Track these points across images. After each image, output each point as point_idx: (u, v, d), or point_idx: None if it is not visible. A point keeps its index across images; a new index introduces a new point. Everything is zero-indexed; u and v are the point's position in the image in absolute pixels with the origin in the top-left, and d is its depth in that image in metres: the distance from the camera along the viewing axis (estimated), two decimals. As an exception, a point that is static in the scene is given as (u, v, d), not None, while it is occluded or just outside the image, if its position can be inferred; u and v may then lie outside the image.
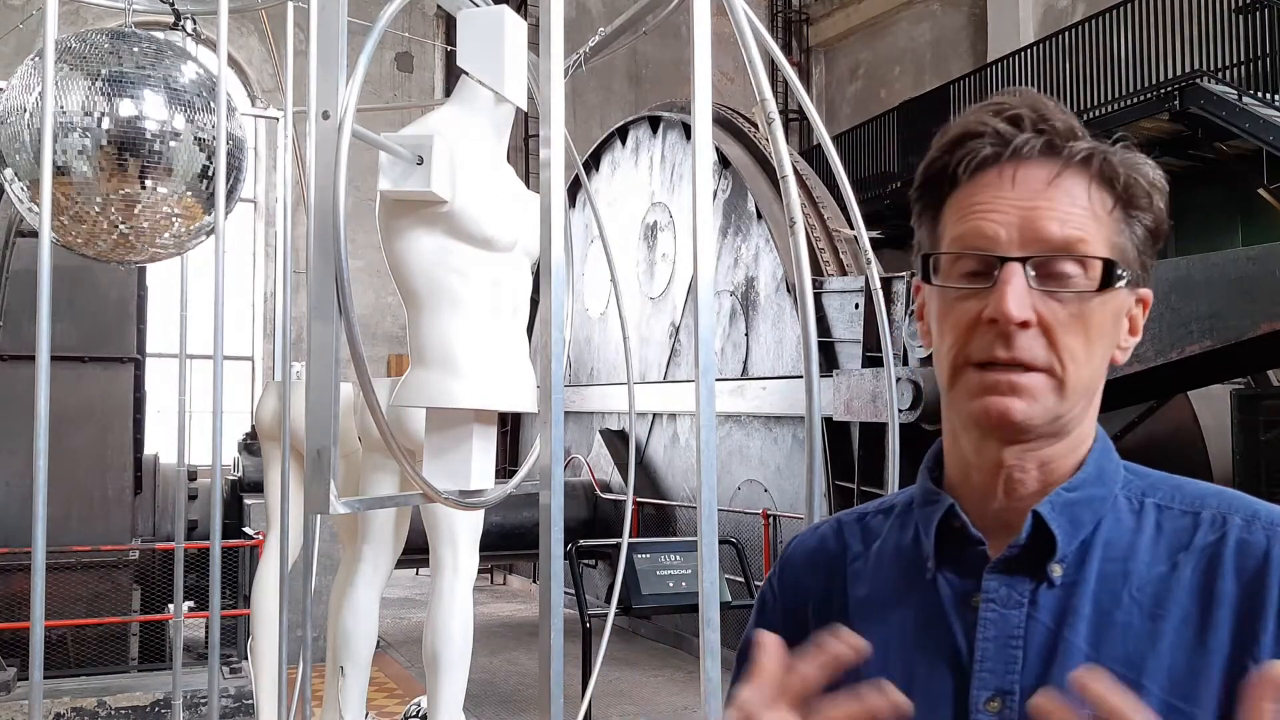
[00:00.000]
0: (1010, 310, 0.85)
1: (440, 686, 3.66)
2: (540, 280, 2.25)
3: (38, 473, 2.54)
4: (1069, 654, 0.86)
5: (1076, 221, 0.88)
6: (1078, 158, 0.89)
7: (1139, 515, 0.92)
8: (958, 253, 0.90)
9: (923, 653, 0.92)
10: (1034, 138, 0.89)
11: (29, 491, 2.56)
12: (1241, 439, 8.42)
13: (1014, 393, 0.87)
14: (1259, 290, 5.45)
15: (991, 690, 0.88)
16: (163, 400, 9.13)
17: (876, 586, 0.99)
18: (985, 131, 0.90)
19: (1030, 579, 0.90)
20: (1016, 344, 0.86)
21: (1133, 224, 0.90)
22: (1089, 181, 0.89)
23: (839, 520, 1.07)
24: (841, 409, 7.62)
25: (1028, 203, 0.88)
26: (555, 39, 2.24)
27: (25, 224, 6.58)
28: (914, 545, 0.97)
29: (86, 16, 11.28)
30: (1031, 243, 0.87)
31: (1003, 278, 0.87)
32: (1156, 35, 11.69)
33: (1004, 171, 0.90)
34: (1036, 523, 0.89)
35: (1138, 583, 0.88)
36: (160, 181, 3.23)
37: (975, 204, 0.90)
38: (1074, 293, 0.87)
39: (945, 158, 0.92)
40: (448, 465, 2.84)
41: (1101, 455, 0.94)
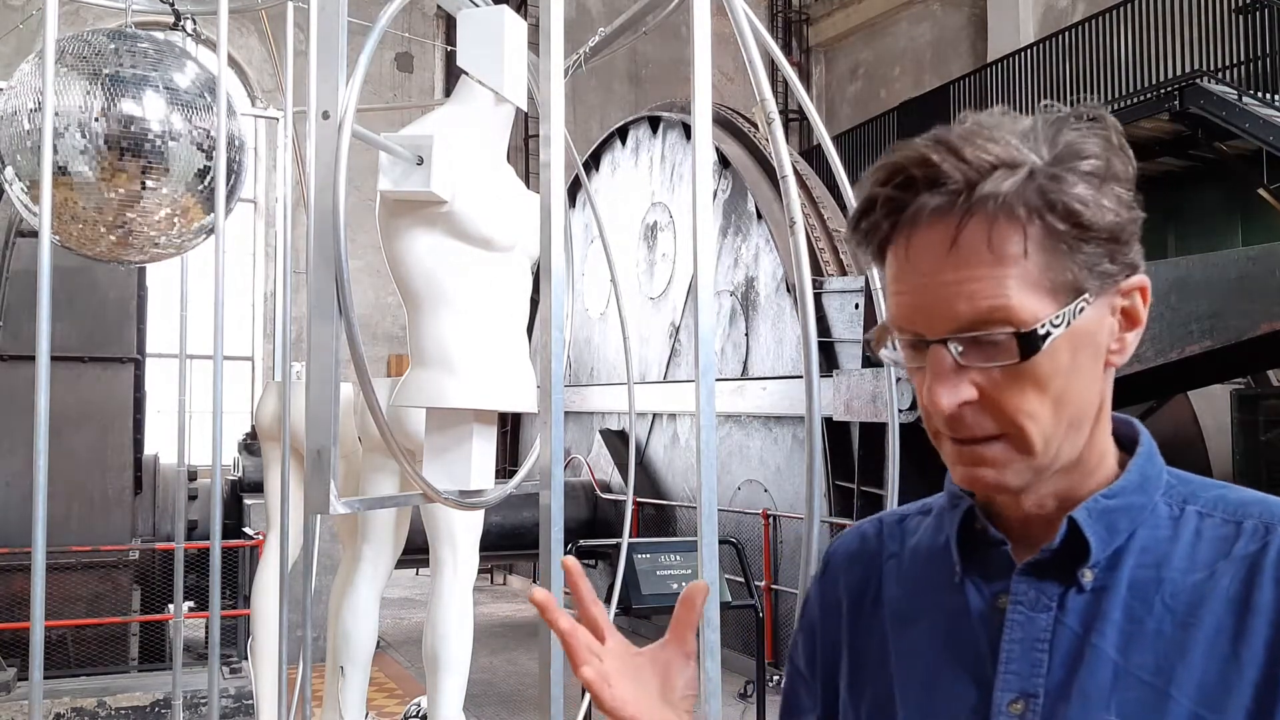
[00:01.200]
0: (940, 402, 0.83)
1: (440, 686, 3.66)
2: (540, 280, 2.25)
3: (38, 473, 2.54)
4: (1096, 659, 0.85)
5: (982, 289, 0.81)
6: (975, 210, 0.81)
7: (1178, 522, 0.89)
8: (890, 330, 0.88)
9: (948, 653, 0.92)
10: (925, 199, 0.82)
11: (29, 491, 2.56)
12: (1241, 439, 8.42)
13: (980, 463, 0.86)
14: (1259, 290, 5.45)
15: (1015, 692, 0.87)
16: (163, 400, 9.14)
17: (909, 586, 0.99)
18: (877, 204, 0.85)
19: (1059, 583, 0.89)
20: (963, 423, 0.85)
21: (1071, 247, 0.83)
22: (990, 231, 0.81)
23: (880, 519, 1.07)
24: (841, 409, 7.62)
25: (931, 278, 0.83)
26: (555, 39, 2.24)
27: (25, 224, 6.59)
28: (945, 547, 0.97)
29: (86, 16, 11.28)
30: (943, 322, 0.83)
31: (929, 363, 0.84)
32: (1156, 35, 11.69)
33: (900, 245, 0.85)
34: (1071, 528, 0.88)
35: (1171, 590, 0.86)
36: (160, 181, 3.23)
37: (893, 281, 0.87)
38: (1003, 365, 0.83)
39: (854, 239, 0.89)
40: (448, 465, 2.84)
41: (1146, 462, 0.91)
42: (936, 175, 0.82)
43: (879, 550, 1.04)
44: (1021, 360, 0.82)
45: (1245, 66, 11.06)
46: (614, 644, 0.95)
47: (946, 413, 0.84)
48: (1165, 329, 5.73)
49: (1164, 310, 5.75)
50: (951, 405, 0.83)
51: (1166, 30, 11.57)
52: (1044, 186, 0.82)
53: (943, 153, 0.82)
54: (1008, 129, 0.84)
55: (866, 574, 1.03)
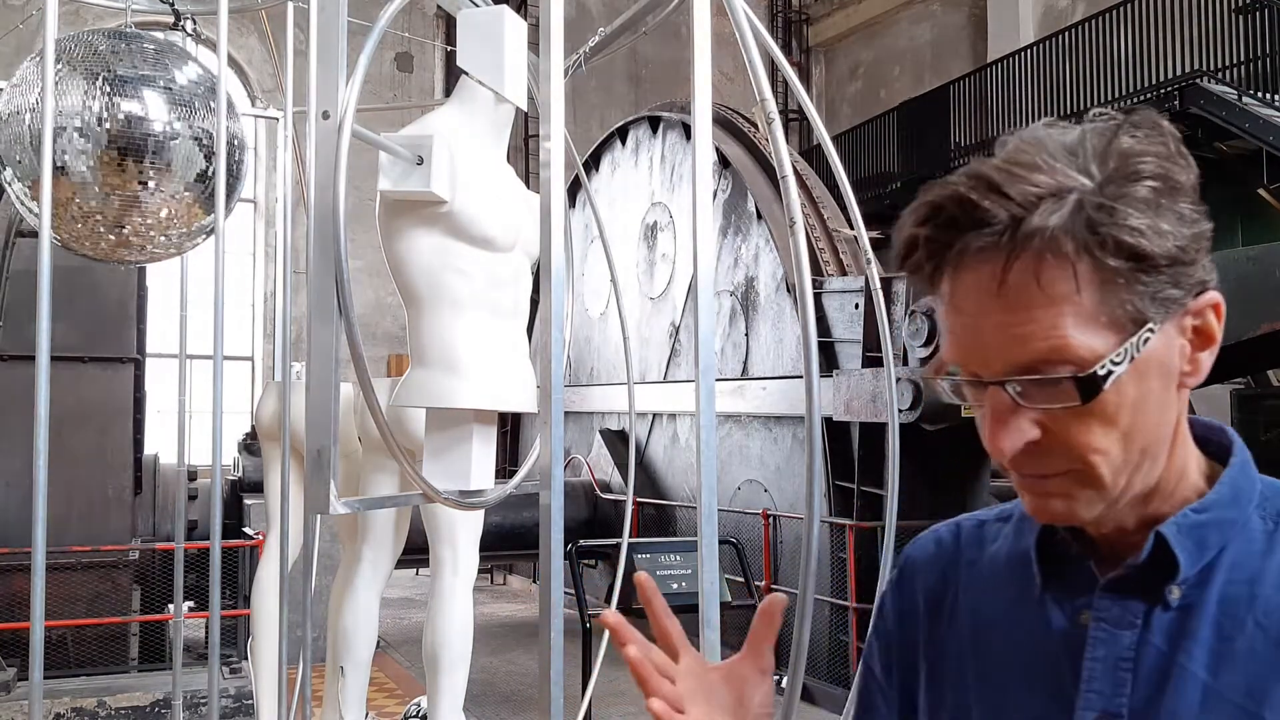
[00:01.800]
0: (1001, 447, 0.80)
1: (440, 686, 3.66)
2: (540, 280, 2.26)
3: (38, 472, 2.54)
4: (1183, 679, 0.82)
5: (1034, 330, 0.77)
6: (1025, 246, 0.77)
7: (1272, 537, 0.85)
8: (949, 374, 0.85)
9: (1027, 668, 0.90)
10: (971, 237, 0.78)
11: (29, 491, 2.56)
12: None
13: (1049, 495, 0.83)
14: (1259, 290, 5.45)
15: (1098, 711, 0.84)
16: (163, 400, 9.14)
17: (987, 596, 0.96)
18: (919, 245, 0.81)
19: (1144, 599, 0.85)
20: (1025, 465, 0.82)
21: (1129, 279, 0.77)
22: (1037, 270, 0.77)
23: (958, 524, 1.04)
24: (841, 409, 7.62)
25: (982, 319, 0.79)
26: (555, 39, 2.24)
27: (25, 224, 6.59)
28: (1025, 556, 0.93)
29: (86, 16, 11.28)
30: (998, 364, 0.79)
31: (987, 407, 0.81)
32: (1156, 35, 11.69)
33: (948, 286, 0.81)
34: (1158, 543, 0.84)
35: (1264, 608, 0.82)
36: (160, 181, 3.23)
37: (948, 317, 0.83)
38: (1064, 407, 0.79)
39: (903, 267, 0.85)
40: (448, 465, 2.84)
41: (1239, 474, 0.87)
42: (977, 215, 0.78)
43: (957, 557, 1.01)
44: (1083, 403, 0.78)
45: (1245, 66, 11.06)
46: (688, 661, 0.93)
47: (1007, 455, 0.81)
48: (1165, 329, 5.73)
49: (1164, 310, 5.75)
50: (1014, 449, 0.80)
51: (1166, 30, 11.58)
52: (1093, 219, 0.76)
53: (982, 190, 0.78)
54: (1053, 146, 0.79)
55: (945, 581, 1.00)
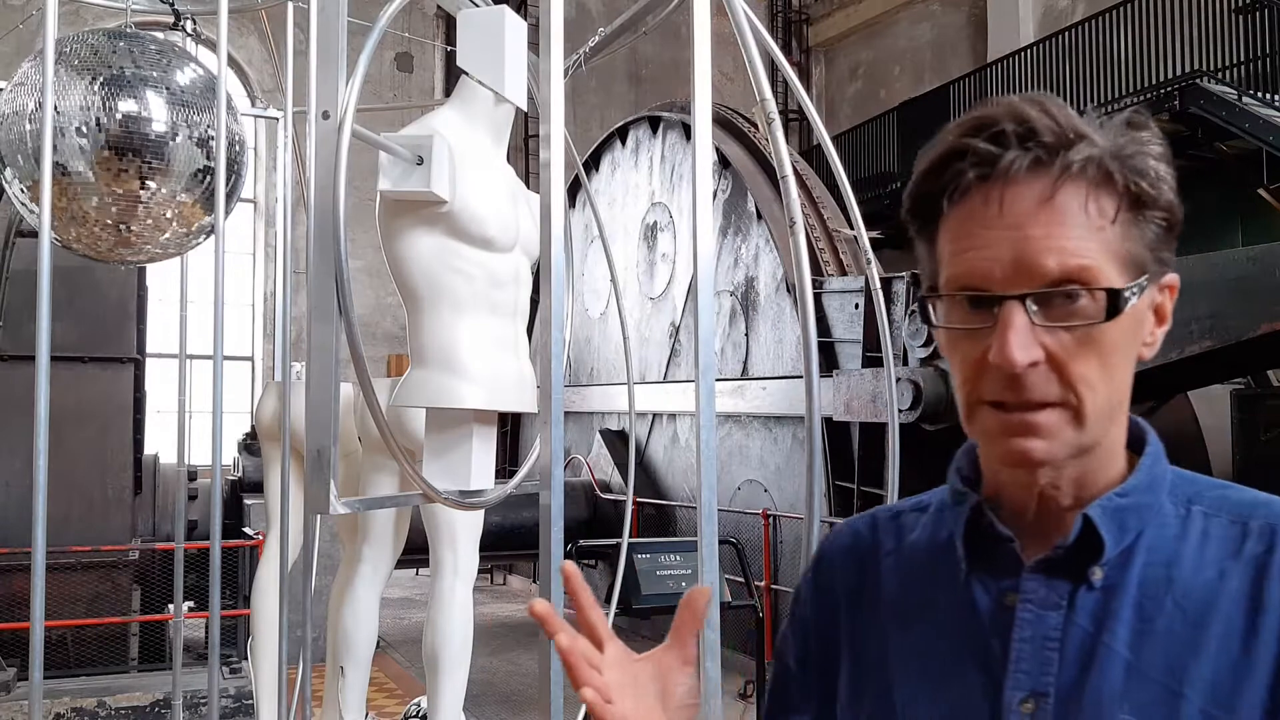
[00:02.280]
0: (1014, 357, 0.82)
1: (440, 686, 3.66)
2: (540, 280, 2.25)
3: (38, 473, 2.54)
4: (1107, 658, 0.85)
5: (1074, 247, 0.82)
6: (1073, 170, 0.83)
7: (1185, 522, 0.89)
8: (953, 294, 0.87)
9: (954, 652, 0.92)
10: (1020, 155, 0.83)
11: (29, 491, 2.56)
12: (1241, 439, 8.42)
13: (1031, 433, 0.84)
14: (1259, 290, 5.45)
15: (1026, 691, 0.87)
16: (163, 400, 9.14)
17: (909, 583, 0.98)
18: (967, 153, 0.84)
19: (1069, 581, 0.88)
20: (1026, 385, 0.83)
21: (1143, 225, 0.85)
22: (1086, 193, 0.83)
23: (874, 516, 1.06)
24: (841, 409, 7.62)
25: (1019, 232, 0.83)
26: (555, 39, 2.24)
27: (25, 224, 6.58)
28: (948, 544, 0.96)
29: (86, 16, 11.28)
30: (1027, 278, 0.82)
31: (1002, 320, 0.83)
32: (1156, 35, 11.69)
33: (990, 196, 0.84)
34: (1085, 525, 0.87)
35: (1182, 589, 0.86)
36: (160, 181, 3.23)
37: (966, 237, 0.85)
38: (1082, 324, 0.83)
39: (929, 185, 0.87)
40: (448, 465, 2.84)
41: (1154, 462, 0.92)
42: (1034, 132, 0.83)
43: (875, 546, 1.03)
44: (1106, 319, 0.82)
45: (1245, 66, 11.06)
46: (613, 652, 0.93)
47: (1020, 365, 0.82)
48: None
49: (1164, 310, 5.75)
50: (1025, 361, 0.82)
51: (1166, 30, 11.58)
52: (1129, 154, 0.84)
53: (1035, 110, 0.84)
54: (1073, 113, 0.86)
55: (863, 570, 1.02)
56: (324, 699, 4.28)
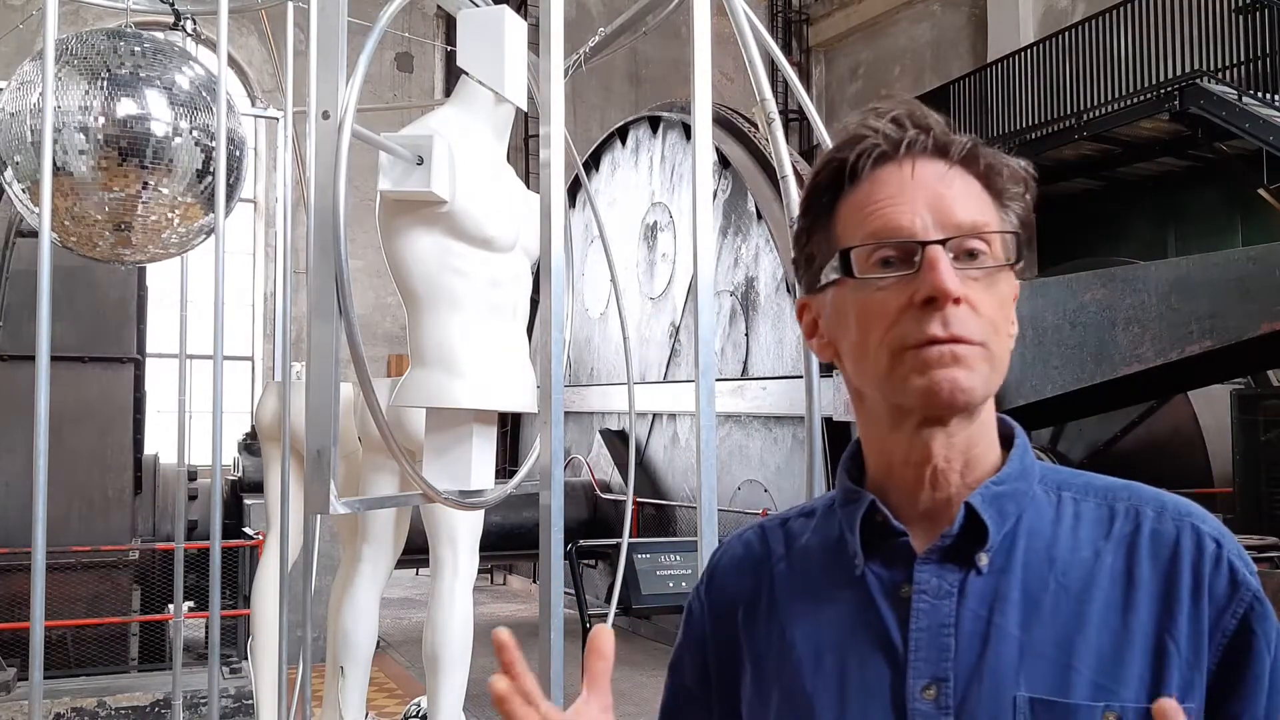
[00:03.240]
0: (948, 286, 0.88)
1: (440, 687, 3.66)
2: (540, 280, 2.26)
3: (38, 473, 2.54)
4: (1001, 639, 0.89)
5: (976, 206, 0.92)
6: (964, 153, 0.93)
7: (1058, 507, 0.95)
8: (876, 245, 0.92)
9: (855, 646, 0.94)
10: (921, 135, 0.93)
11: (29, 491, 2.56)
12: (1241, 439, 8.42)
13: (957, 363, 0.89)
14: (1259, 290, 5.45)
15: (927, 678, 0.90)
16: (163, 400, 9.13)
17: (803, 585, 1.01)
18: (874, 133, 0.94)
19: (959, 568, 0.92)
20: (952, 320, 0.89)
21: (1008, 215, 0.95)
22: (974, 175, 0.93)
23: (762, 526, 1.09)
24: (841, 409, 7.62)
25: (931, 191, 0.92)
26: (555, 39, 2.24)
27: (25, 224, 6.59)
28: (839, 543, 0.99)
29: (86, 16, 11.28)
30: (946, 226, 0.90)
31: (929, 260, 0.89)
32: (1156, 35, 11.68)
33: (903, 165, 0.93)
34: (969, 513, 0.92)
35: (1062, 568, 0.92)
36: (160, 181, 3.23)
37: (880, 199, 0.93)
38: (989, 268, 0.91)
39: (841, 156, 0.95)
40: (448, 465, 2.84)
41: (1024, 453, 0.98)
42: (926, 122, 0.94)
43: (766, 555, 1.05)
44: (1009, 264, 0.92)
45: (1245, 66, 11.06)
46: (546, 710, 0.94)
47: (954, 293, 0.88)
48: (1165, 329, 5.73)
49: (1164, 310, 5.75)
50: (957, 289, 0.88)
51: (1166, 30, 11.57)
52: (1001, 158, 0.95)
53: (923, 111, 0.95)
54: None
55: (757, 579, 1.04)
56: (324, 699, 4.28)
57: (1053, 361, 6.31)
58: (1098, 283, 6.32)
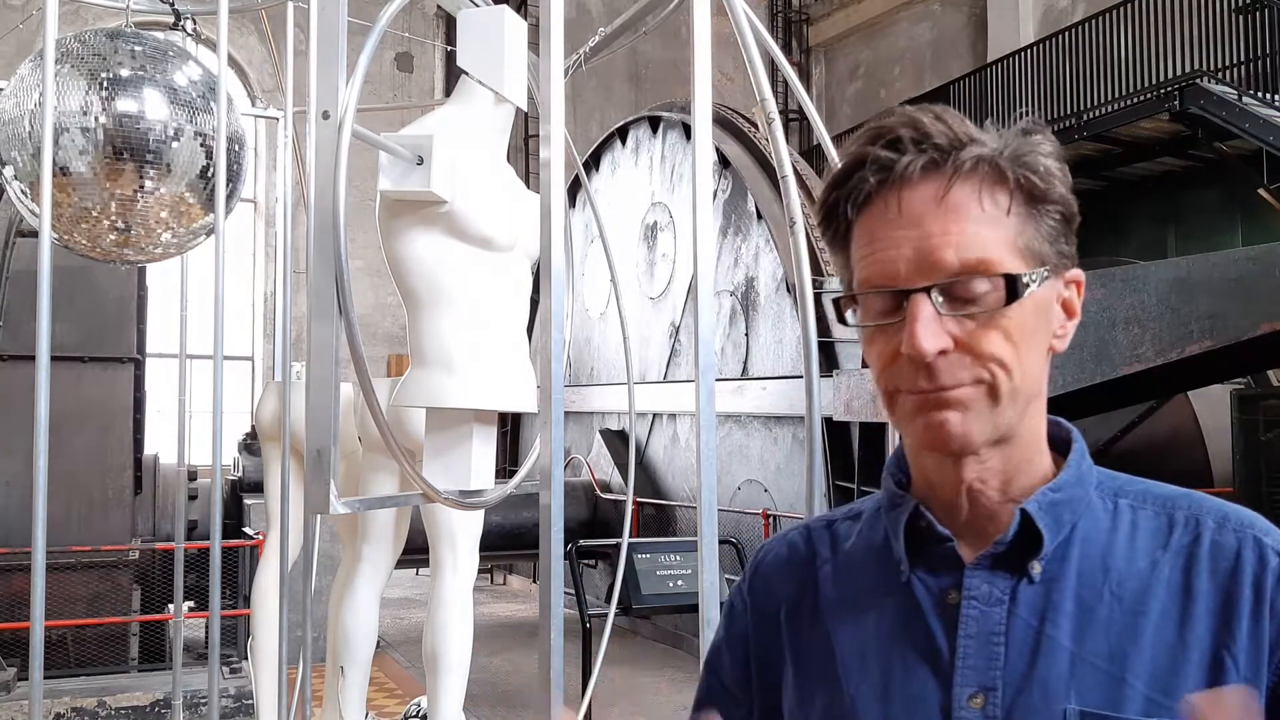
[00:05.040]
0: (923, 347, 0.85)
1: (440, 686, 3.66)
2: (540, 280, 2.25)
3: (38, 473, 2.54)
4: (1052, 649, 0.88)
5: (971, 240, 0.86)
6: (964, 168, 0.87)
7: (1114, 515, 0.93)
8: (864, 293, 0.90)
9: (900, 652, 0.93)
10: (915, 158, 0.87)
11: (29, 491, 2.56)
12: (1241, 439, 8.41)
13: (947, 407, 0.87)
14: (1259, 290, 5.44)
15: (974, 687, 0.88)
16: (163, 400, 9.14)
17: (848, 589, 0.99)
18: (866, 161, 0.89)
19: (1010, 576, 0.91)
20: (938, 372, 0.87)
21: (1038, 217, 0.89)
22: (979, 189, 0.88)
23: (808, 527, 1.08)
24: (841, 409, 7.62)
25: (919, 229, 0.87)
26: (555, 39, 2.24)
27: (25, 224, 6.59)
28: (884, 548, 0.97)
29: (86, 16, 11.28)
30: (929, 271, 0.86)
31: (909, 312, 0.86)
32: (1156, 35, 11.68)
33: (889, 201, 0.88)
34: (1024, 520, 0.90)
35: (1117, 579, 0.89)
36: (160, 181, 3.22)
37: (872, 240, 0.90)
38: (984, 311, 0.87)
39: (833, 195, 0.92)
40: (448, 465, 2.84)
41: (1080, 459, 0.95)
42: (926, 135, 0.88)
43: (811, 556, 1.04)
44: (1006, 304, 0.86)
45: (1245, 66, 11.05)
46: None
47: (928, 357, 0.85)
48: (1165, 329, 5.72)
49: (1164, 310, 5.75)
50: (933, 349, 0.85)
51: (1166, 30, 11.57)
52: (1020, 153, 0.89)
53: (930, 118, 0.89)
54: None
55: (802, 581, 1.03)
56: (324, 699, 4.28)
57: (1053, 361, 6.30)
58: (1098, 283, 6.31)
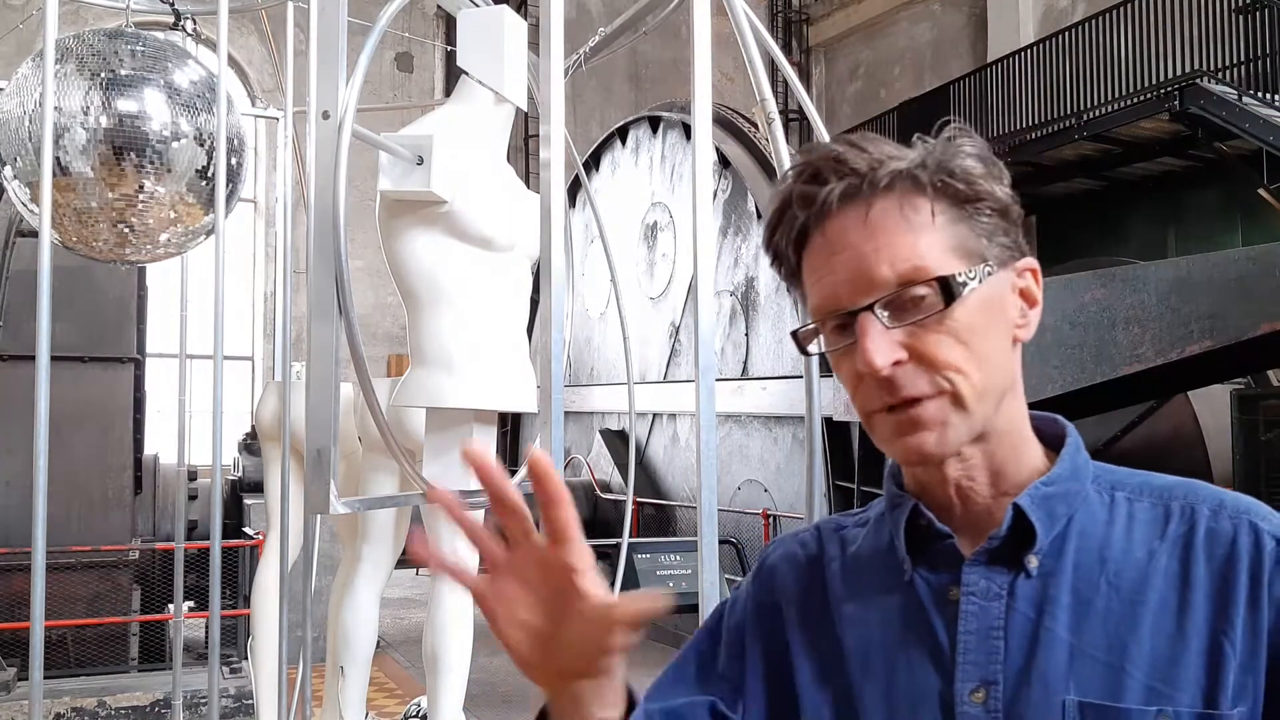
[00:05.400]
0: (874, 361, 0.87)
1: (440, 686, 3.66)
2: (540, 280, 2.26)
3: (38, 473, 2.54)
4: (1051, 642, 0.89)
5: (901, 252, 0.89)
6: (881, 185, 0.90)
7: (1111, 508, 0.94)
8: (814, 325, 0.93)
9: (904, 649, 0.94)
10: (835, 185, 0.90)
11: (29, 491, 2.56)
12: (1241, 439, 8.41)
13: (918, 428, 0.89)
14: (1259, 290, 5.45)
15: (976, 681, 0.89)
16: (163, 400, 9.14)
17: (855, 589, 1.01)
18: (792, 200, 0.92)
19: (1008, 571, 0.92)
20: (897, 385, 0.88)
21: (969, 217, 0.91)
22: (899, 202, 0.90)
23: (818, 527, 1.09)
24: (841, 409, 7.63)
25: (852, 251, 0.90)
26: (555, 39, 2.24)
27: (25, 224, 6.59)
28: (889, 549, 0.99)
29: (86, 16, 11.27)
30: (868, 289, 0.89)
31: (858, 332, 0.89)
32: (1156, 35, 11.68)
33: (819, 232, 0.91)
34: (1017, 515, 0.91)
35: (1114, 570, 0.90)
36: (160, 181, 3.22)
37: (815, 271, 0.92)
38: (930, 315, 0.88)
39: (774, 239, 0.95)
40: (448, 465, 2.84)
41: (1075, 453, 0.96)
42: (843, 164, 0.91)
43: (820, 555, 1.05)
44: (945, 307, 0.88)
45: (1245, 66, 11.05)
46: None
47: (882, 372, 0.87)
48: (1165, 329, 5.73)
49: (1164, 310, 5.75)
50: (885, 363, 0.87)
51: (1166, 30, 11.57)
52: (940, 160, 0.91)
53: (845, 146, 0.92)
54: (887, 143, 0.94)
55: (811, 578, 1.04)
56: (324, 699, 4.28)
57: (1053, 361, 6.31)
58: (1098, 283, 6.32)
